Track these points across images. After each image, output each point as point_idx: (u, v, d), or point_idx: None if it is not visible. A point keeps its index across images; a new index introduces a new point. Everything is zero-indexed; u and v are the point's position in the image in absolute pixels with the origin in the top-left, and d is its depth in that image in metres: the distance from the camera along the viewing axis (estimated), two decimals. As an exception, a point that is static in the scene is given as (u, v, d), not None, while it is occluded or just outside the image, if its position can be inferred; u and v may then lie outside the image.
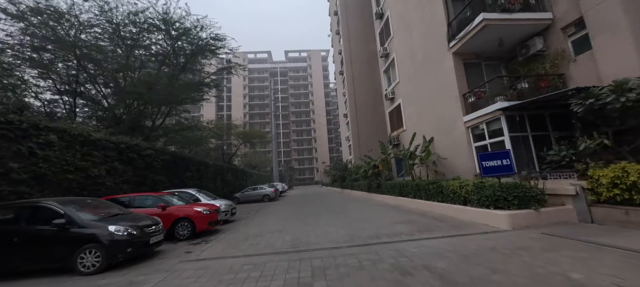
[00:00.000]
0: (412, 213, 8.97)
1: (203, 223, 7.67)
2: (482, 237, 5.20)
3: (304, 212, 11.93)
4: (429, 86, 12.17)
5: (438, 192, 8.54)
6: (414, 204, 10.07)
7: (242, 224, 9.62)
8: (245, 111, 78.64)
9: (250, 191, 22.64)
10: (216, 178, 20.92)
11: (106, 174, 9.61)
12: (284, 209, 14.31)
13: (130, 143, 10.94)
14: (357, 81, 32.71)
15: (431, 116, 12.21)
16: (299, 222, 8.98)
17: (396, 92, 16.36)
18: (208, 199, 10.47)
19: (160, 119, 18.02)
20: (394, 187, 12.57)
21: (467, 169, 9.71)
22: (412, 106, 14.18)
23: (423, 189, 9.52)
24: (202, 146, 28.77)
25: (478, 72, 10.47)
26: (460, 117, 9.97)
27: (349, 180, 25.26)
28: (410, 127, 14.48)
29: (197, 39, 16.89)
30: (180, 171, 15.04)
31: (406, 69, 14.72)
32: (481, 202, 6.53)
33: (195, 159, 17.70)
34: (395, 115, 16.67)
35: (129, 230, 5.26)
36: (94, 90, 14.33)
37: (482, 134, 9.14)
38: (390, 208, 10.71)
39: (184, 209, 7.68)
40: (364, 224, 7.64)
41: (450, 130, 10.75)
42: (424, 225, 6.83)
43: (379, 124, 31.88)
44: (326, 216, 9.90)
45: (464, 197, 7.26)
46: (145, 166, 11.63)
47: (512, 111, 8.01)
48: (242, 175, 29.60)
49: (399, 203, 11.53)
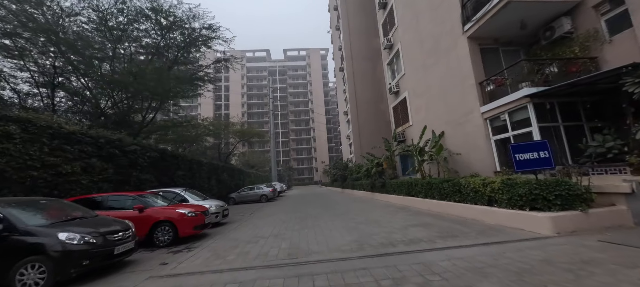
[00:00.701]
0: (424, 215, 7.97)
1: (187, 227, 6.64)
2: (524, 246, 4.20)
3: (303, 213, 10.93)
4: (439, 76, 11.18)
5: (455, 191, 7.55)
6: (425, 205, 9.08)
7: (234, 228, 8.60)
8: (243, 110, 77.52)
9: (246, 191, 21.61)
10: (211, 178, 19.88)
11: (82, 171, 8.57)
12: (281, 210, 13.30)
13: (111, 137, 9.91)
14: (357, 77, 31.75)
15: (441, 109, 11.22)
16: (297, 225, 7.97)
17: (401, 85, 15.37)
18: (197, 200, 9.44)
19: (150, 114, 16.99)
20: (400, 186, 11.58)
21: (484, 166, 8.72)
22: (420, 99, 13.19)
23: (436, 187, 8.52)
24: (199, 145, 27.75)
25: (495, 59, 9.49)
26: (476, 107, 8.98)
27: (350, 179, 24.27)
28: (418, 122, 13.48)
29: (190, 30, 15.89)
30: (171, 169, 13.99)
31: (412, 59, 13.73)
32: (512, 202, 5.53)
33: (187, 157, 16.64)
34: (400, 110, 15.68)
35: (87, 238, 4.24)
36: (75, 83, 13.27)
37: (503, 126, 8.15)
38: (399, 209, 9.71)
39: (165, 211, 6.66)
40: (373, 228, 6.63)
41: (464, 123, 9.76)
42: (444, 229, 5.83)
43: (380, 121, 30.95)
44: (328, 218, 8.90)
45: (489, 196, 6.26)
46: (129, 163, 10.59)
47: (541, 98, 7.02)
48: (239, 174, 28.54)
49: (407, 203, 10.53)
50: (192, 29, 15.74)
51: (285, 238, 6.29)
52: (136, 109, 16.35)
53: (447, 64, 10.50)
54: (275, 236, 6.62)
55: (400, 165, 16.24)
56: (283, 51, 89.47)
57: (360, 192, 18.97)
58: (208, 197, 10.69)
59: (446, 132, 10.91)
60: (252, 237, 6.72)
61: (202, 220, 7.09)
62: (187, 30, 15.75)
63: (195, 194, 10.29)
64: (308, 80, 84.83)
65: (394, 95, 16.38)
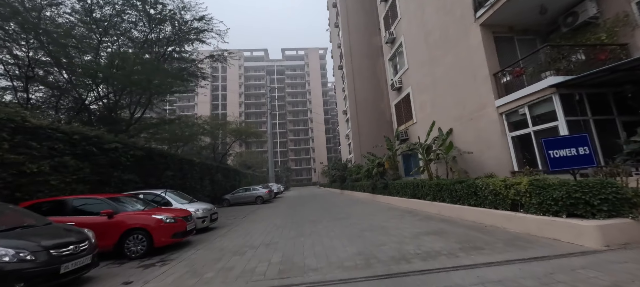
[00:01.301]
0: (435, 220, 7.12)
1: (163, 235, 5.75)
2: (575, 264, 3.35)
3: (300, 216, 10.05)
4: (447, 69, 10.37)
5: (469, 194, 6.71)
6: (434, 208, 8.24)
7: (222, 234, 7.70)
8: (240, 110, 76.49)
9: (241, 192, 20.69)
10: (204, 178, 18.95)
11: (51, 171, 7.66)
12: (277, 212, 12.42)
13: (88, 134, 8.99)
14: (357, 75, 30.97)
15: (450, 104, 10.41)
16: (293, 231, 7.09)
17: (404, 80, 14.55)
18: (181, 203, 8.53)
19: (139, 111, 16.06)
20: (405, 187, 10.74)
21: (499, 165, 7.90)
22: (425, 94, 12.37)
23: (447, 189, 7.68)
24: (193, 144, 26.80)
25: (510, 49, 8.69)
26: (490, 101, 8.16)
27: (349, 180, 23.43)
28: (422, 119, 12.67)
29: (180, 22, 15.00)
30: (158, 169, 13.07)
31: (417, 53, 12.92)
32: (544, 207, 4.70)
33: (177, 156, 15.72)
34: (403, 107, 14.86)
35: (22, 254, 3.35)
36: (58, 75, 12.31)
37: (522, 121, 7.34)
38: (405, 213, 8.86)
39: (139, 217, 5.75)
40: (379, 236, 5.78)
41: (476, 119, 8.94)
42: (463, 238, 4.98)
43: (380, 120, 30.17)
44: (327, 223, 8.03)
45: (513, 199, 5.43)
46: (109, 163, 9.67)
47: (568, 88, 6.21)
48: (235, 175, 27.61)
49: (413, 206, 9.69)
50: (183, 21, 14.86)
51: (278, 249, 5.41)
52: (123, 105, 15.44)
53: (457, 55, 9.69)
54: (267, 245, 5.75)
55: (403, 165, 15.42)
56: (281, 51, 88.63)
57: (360, 194, 18.13)
58: (195, 200, 9.78)
59: (455, 129, 10.09)
60: (240, 247, 5.83)
61: (182, 227, 6.20)
62: (177, 22, 14.87)
63: (180, 196, 9.38)
64: (306, 80, 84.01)
65: (396, 91, 15.56)
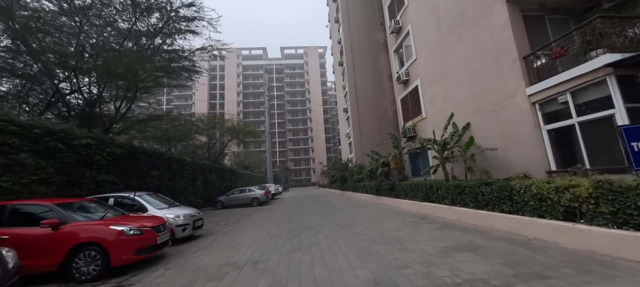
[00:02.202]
0: (458, 229, 5.95)
1: (125, 251, 4.55)
2: None
3: (298, 222, 8.87)
4: (464, 55, 9.21)
5: (502, 198, 5.54)
6: (453, 214, 7.06)
7: (204, 246, 6.50)
8: (239, 109, 75.29)
9: (236, 193, 19.48)
10: (196, 179, 17.75)
11: (3, 170, 6.48)
12: (273, 217, 11.22)
13: (52, 128, 7.79)
14: (358, 71, 29.83)
15: (466, 95, 9.24)
16: (288, 244, 5.90)
17: (411, 72, 13.38)
18: (160, 208, 7.31)
19: (125, 106, 14.84)
20: (415, 189, 9.57)
21: (531, 163, 6.73)
22: (435, 86, 11.21)
23: (470, 192, 6.51)
24: (187, 143, 25.56)
25: (540, 30, 7.52)
26: (520, 89, 6.99)
27: (350, 181, 22.25)
28: (433, 114, 11.50)
29: (170, 10, 13.81)
30: (142, 169, 11.87)
31: (427, 41, 11.75)
32: (622, 218, 3.54)
33: (165, 154, 14.49)
34: (411, 102, 13.69)
35: None
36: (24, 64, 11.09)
37: (561, 111, 6.17)
38: (418, 219, 7.68)
39: (92, 228, 4.55)
40: (396, 251, 4.60)
41: (500, 111, 7.77)
42: (509, 258, 3.81)
43: (382, 118, 29.03)
44: (329, 232, 6.84)
45: (567, 207, 4.27)
46: (79, 161, 8.48)
47: (628, 69, 5.04)
48: (231, 175, 26.40)
49: (426, 211, 8.52)
50: (171, 8, 13.66)
51: (268, 270, 4.22)
52: (105, 99, 14.22)
53: (476, 38, 8.52)
54: (255, 265, 4.56)
55: (410, 165, 14.25)
56: (280, 49, 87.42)
57: (363, 196, 16.95)
58: (178, 204, 8.56)
59: (473, 123, 8.92)
60: (222, 266, 4.64)
61: (151, 240, 4.99)
62: (165, 10, 13.67)
63: (160, 199, 8.17)
64: (305, 79, 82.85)
65: (402, 85, 14.38)
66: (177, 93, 79.01)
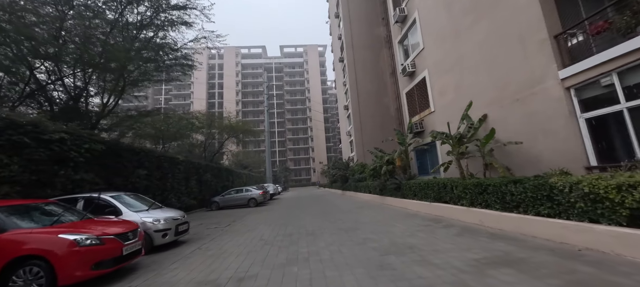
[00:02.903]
0: (483, 234, 5.03)
1: (77, 266, 3.64)
2: None
3: (296, 225, 7.96)
4: (481, 39, 8.30)
5: (538, 199, 4.63)
6: (473, 217, 6.15)
7: (184, 255, 5.59)
8: (237, 109, 74.36)
9: (233, 193, 18.56)
10: (190, 178, 16.85)
11: (-47, 167, 5.60)
12: (269, 219, 10.32)
13: (17, 120, 6.90)
14: (359, 67, 28.95)
15: (483, 84, 8.33)
16: (283, 254, 5.00)
17: (418, 63, 12.47)
18: (136, 210, 6.38)
19: (112, 101, 13.94)
20: (425, 188, 8.66)
21: (565, 158, 5.82)
22: (446, 77, 10.29)
23: (495, 191, 5.60)
24: (183, 141, 24.66)
25: (571, 9, 6.61)
26: (551, 73, 6.08)
27: (352, 180, 21.34)
28: (443, 106, 10.59)
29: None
30: (128, 167, 10.98)
31: (436, 28, 10.85)
32: None
33: (155, 152, 13.59)
34: (417, 95, 12.78)
35: None
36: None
37: (604, 96, 5.25)
38: (431, 222, 6.77)
39: (36, 238, 3.65)
40: (414, 265, 3.69)
41: (524, 99, 6.86)
42: (570, 277, 2.89)
43: (384, 116, 28.15)
44: (331, 238, 5.93)
45: (633, 210, 3.36)
46: (53, 158, 7.60)
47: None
48: (227, 175, 25.48)
49: (439, 213, 7.61)
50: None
51: (254, 291, 3.33)
52: (92, 94, 13.32)
53: (495, 19, 7.61)
54: (239, 282, 3.65)
55: (417, 162, 13.35)
56: (279, 48, 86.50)
57: (365, 195, 16.05)
58: (161, 206, 7.62)
59: (491, 115, 8.01)
60: (198, 284, 3.73)
61: (115, 250, 4.08)
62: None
63: (139, 200, 7.24)
64: (305, 78, 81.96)
65: (408, 77, 13.47)
66: (176, 92, 78.30)
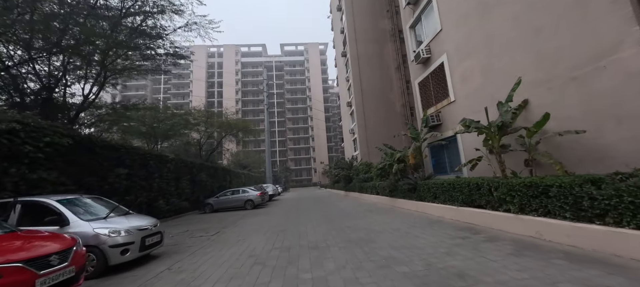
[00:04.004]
0: (554, 254, 3.59)
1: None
2: None
3: (296, 234, 6.56)
4: (517, 10, 6.87)
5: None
6: (523, 227, 4.72)
7: (146, 281, 4.17)
8: (237, 108, 73.07)
9: (228, 195, 17.13)
10: (181, 178, 15.48)
11: None
12: (265, 225, 8.90)
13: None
14: (363, 62, 27.56)
15: (521, 64, 6.90)
16: (278, 282, 3.59)
17: (435, 48, 11.05)
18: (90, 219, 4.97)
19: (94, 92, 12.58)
20: (449, 190, 7.23)
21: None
22: (470, 60, 8.87)
23: (561, 194, 4.16)
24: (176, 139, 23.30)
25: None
26: (629, 38, 4.65)
27: (356, 181, 19.91)
28: (467, 94, 9.17)
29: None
30: (104, 165, 9.61)
31: (457, 4, 9.44)
32: None
33: (139, 149, 12.18)
34: (433, 84, 11.35)
35: None
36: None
37: None
38: (465, 232, 5.33)
39: None
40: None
41: (585, 78, 5.43)
42: None
43: (389, 113, 26.77)
44: (341, 253, 4.51)
45: None
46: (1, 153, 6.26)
47: None
48: (225, 175, 24.11)
49: (469, 220, 6.17)
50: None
51: None
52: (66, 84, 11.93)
53: (541, -18, 6.20)
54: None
55: (431, 160, 11.93)
56: (280, 46, 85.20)
57: (372, 197, 14.61)
58: (130, 212, 6.20)
59: (534, 100, 6.59)
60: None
61: (20, 284, 2.69)
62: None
63: (101, 203, 5.81)
64: (306, 77, 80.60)
65: (421, 65, 12.05)
66: (175, 91, 77.03)
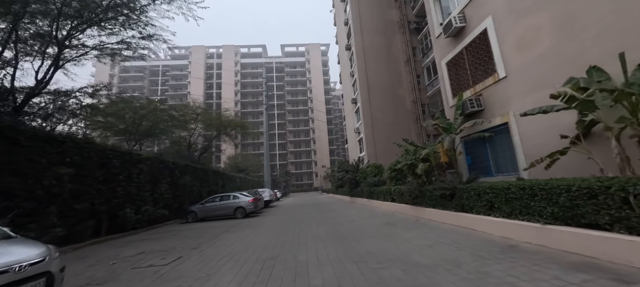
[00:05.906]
0: None
1: None
2: None
3: (291, 268, 4.10)
4: None
5: None
6: None
7: None
8: (236, 109, 70.90)
9: (217, 201, 14.67)
10: (159, 181, 13.07)
11: None
12: (251, 247, 6.41)
13: None
14: (369, 55, 25.26)
15: (632, 12, 4.52)
16: None
17: (471, 13, 8.67)
18: None
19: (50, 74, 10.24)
20: (519, 198, 4.79)
21: None
22: (534, 16, 6.47)
23: None
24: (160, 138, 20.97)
25: None
26: None
27: (364, 185, 17.39)
28: (525, 66, 6.75)
29: None
30: (39, 163, 7.22)
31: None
32: None
33: (93, 144, 9.75)
34: (469, 60, 8.96)
35: None
36: None
37: None
38: (575, 270, 2.88)
39: None
40: None
41: None
42: None
43: (398, 110, 24.35)
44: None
45: None
46: None
47: None
48: (216, 178, 21.70)
49: (571, 248, 3.68)
50: None
51: None
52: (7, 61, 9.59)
53: None
54: None
55: (466, 159, 9.47)
56: (280, 46, 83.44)
57: (386, 205, 12.07)
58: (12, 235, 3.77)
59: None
60: None
61: None
62: None
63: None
64: (307, 78, 78.57)
65: (451, 39, 9.67)
66: (172, 93, 74.92)
